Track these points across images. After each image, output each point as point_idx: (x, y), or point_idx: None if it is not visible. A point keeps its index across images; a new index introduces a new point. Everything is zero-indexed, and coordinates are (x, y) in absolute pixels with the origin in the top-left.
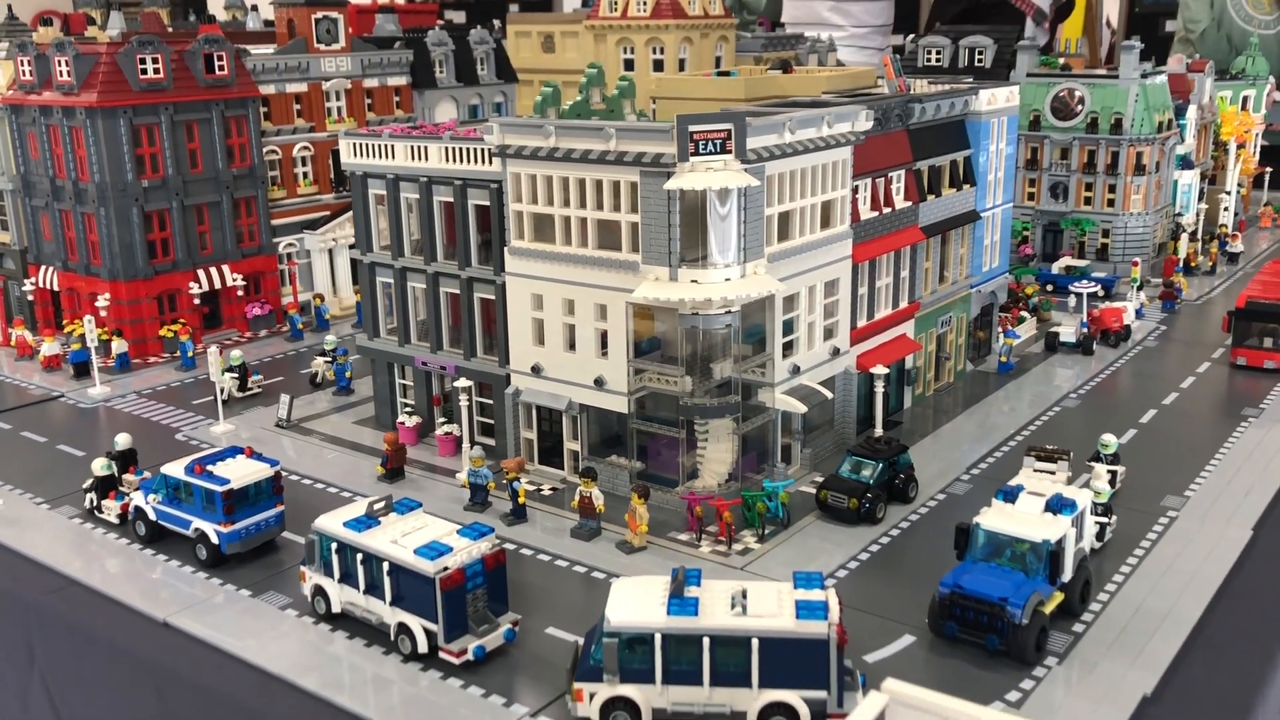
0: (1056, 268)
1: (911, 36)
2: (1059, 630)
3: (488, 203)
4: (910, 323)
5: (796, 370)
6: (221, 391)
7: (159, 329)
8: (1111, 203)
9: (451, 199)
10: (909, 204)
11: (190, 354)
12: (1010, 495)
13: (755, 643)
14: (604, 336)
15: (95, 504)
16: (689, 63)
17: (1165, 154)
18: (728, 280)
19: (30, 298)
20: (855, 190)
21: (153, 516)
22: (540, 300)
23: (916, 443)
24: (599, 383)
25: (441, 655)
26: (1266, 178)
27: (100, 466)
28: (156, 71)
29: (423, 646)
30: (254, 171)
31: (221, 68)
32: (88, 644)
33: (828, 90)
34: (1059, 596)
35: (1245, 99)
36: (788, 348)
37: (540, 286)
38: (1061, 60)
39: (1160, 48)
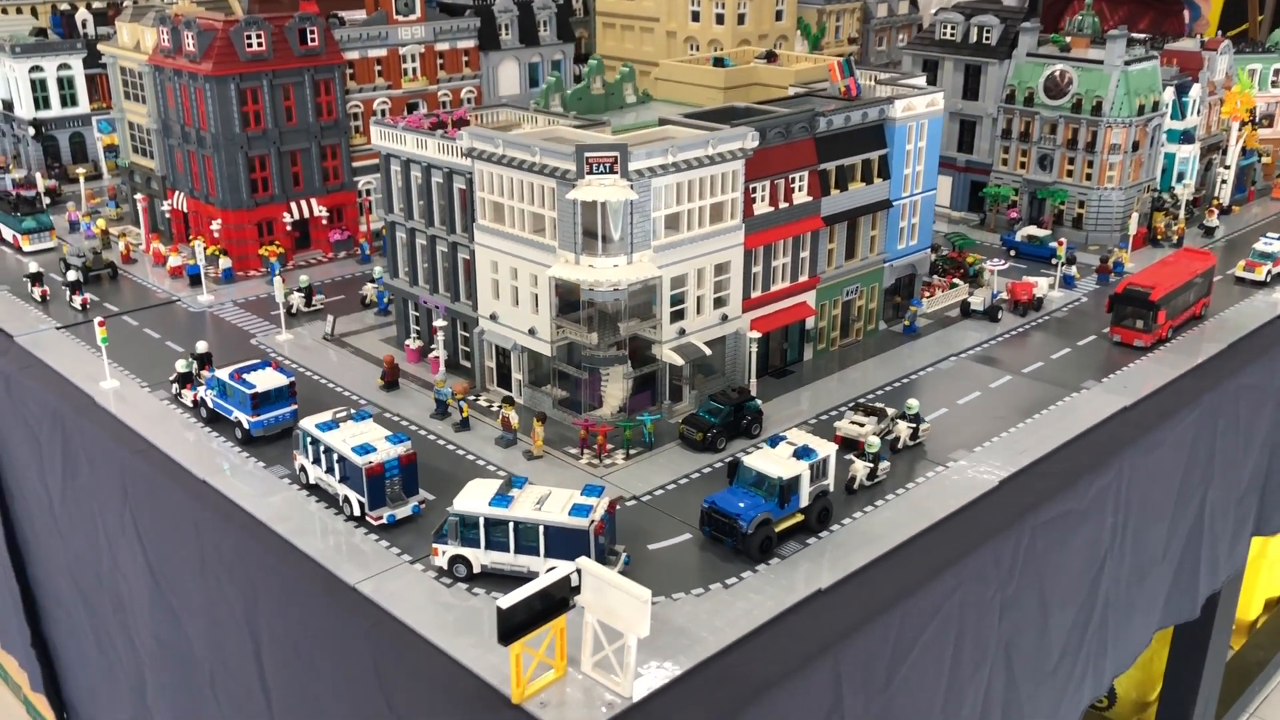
0: (1020, 235)
1: (935, 10)
2: (796, 542)
3: (465, 188)
4: (811, 292)
5: (683, 332)
6: (290, 307)
7: (258, 249)
8: (1089, 177)
9: (443, 181)
10: (810, 199)
11: (278, 272)
12: (774, 442)
13: (541, 528)
14: (536, 298)
15: (177, 392)
16: (748, 16)
17: (1148, 134)
18: (615, 266)
19: (168, 215)
20: (753, 190)
21: (210, 405)
22: (496, 266)
23: (806, 387)
24: (532, 332)
25: (368, 519)
26: None
27: (182, 365)
28: (260, 45)
29: (357, 512)
30: (338, 124)
31: (313, 40)
32: (158, 491)
33: (795, 82)
34: (797, 517)
35: (1277, 72)
36: (678, 315)
37: (496, 255)
38: (1068, 39)
39: None
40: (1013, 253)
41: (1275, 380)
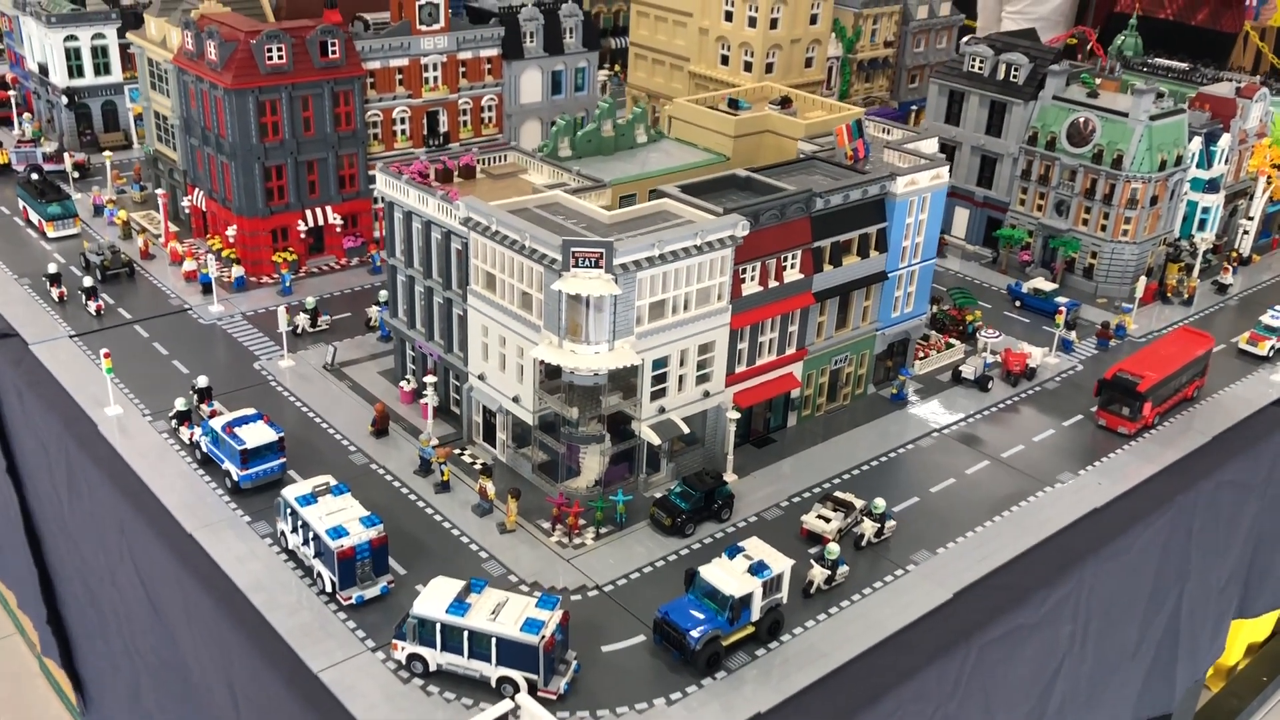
0: (1027, 288)
1: (968, 39)
2: (745, 652)
3: (461, 249)
4: (798, 364)
5: (663, 410)
6: (295, 328)
7: (272, 255)
8: (1104, 228)
9: (441, 239)
10: (802, 276)
11: (288, 283)
12: (732, 554)
13: (494, 639)
14: (521, 368)
15: (176, 428)
16: (782, 21)
17: (1168, 189)
18: (597, 354)
19: (188, 210)
20: (742, 271)
21: (204, 450)
22: (487, 330)
23: (787, 458)
24: (516, 399)
25: (338, 598)
26: None
27: (181, 403)
28: (281, 58)
29: (328, 589)
30: (356, 134)
31: (334, 52)
32: (148, 535)
33: (805, 135)
34: (748, 629)
35: None
36: (659, 393)
37: (486, 321)
38: (1097, 81)
39: None
40: (1018, 303)
41: (1258, 476)
